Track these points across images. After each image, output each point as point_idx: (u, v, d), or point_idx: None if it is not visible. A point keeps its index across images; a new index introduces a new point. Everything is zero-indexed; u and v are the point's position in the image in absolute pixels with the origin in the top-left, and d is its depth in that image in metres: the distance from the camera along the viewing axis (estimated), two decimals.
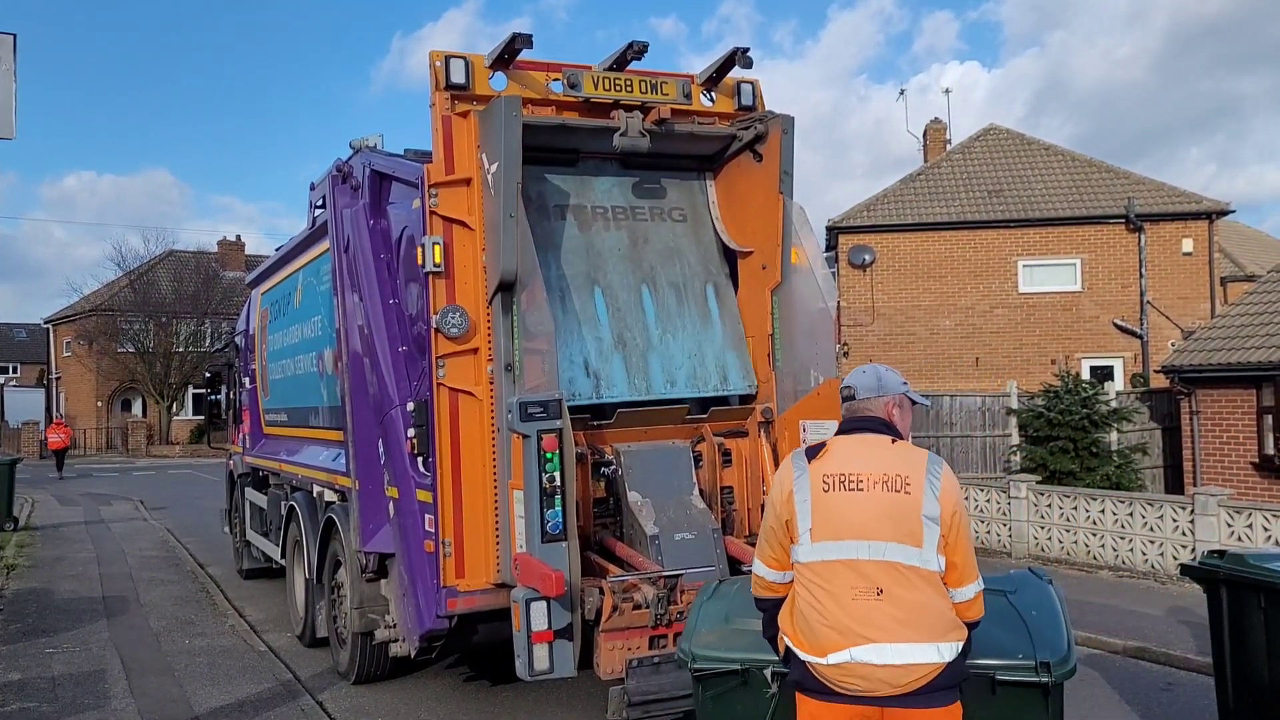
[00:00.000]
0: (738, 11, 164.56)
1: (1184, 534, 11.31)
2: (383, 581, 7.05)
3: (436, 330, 6.08)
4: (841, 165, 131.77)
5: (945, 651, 3.26)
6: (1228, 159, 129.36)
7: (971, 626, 3.39)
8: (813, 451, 3.49)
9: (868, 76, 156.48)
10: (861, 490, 3.32)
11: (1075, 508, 12.43)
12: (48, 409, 49.51)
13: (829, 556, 3.32)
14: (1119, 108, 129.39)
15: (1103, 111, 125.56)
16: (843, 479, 3.36)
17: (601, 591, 5.52)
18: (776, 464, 6.66)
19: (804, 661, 3.37)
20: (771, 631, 3.63)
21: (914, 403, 3.65)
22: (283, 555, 9.65)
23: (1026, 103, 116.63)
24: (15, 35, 5.67)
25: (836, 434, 3.60)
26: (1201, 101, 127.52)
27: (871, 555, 3.27)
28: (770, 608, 3.61)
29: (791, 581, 3.48)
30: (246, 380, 11.97)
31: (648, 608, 5.49)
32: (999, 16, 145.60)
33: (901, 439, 3.50)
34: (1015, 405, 16.72)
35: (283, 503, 9.61)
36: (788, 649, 3.46)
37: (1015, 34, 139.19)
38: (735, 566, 6.55)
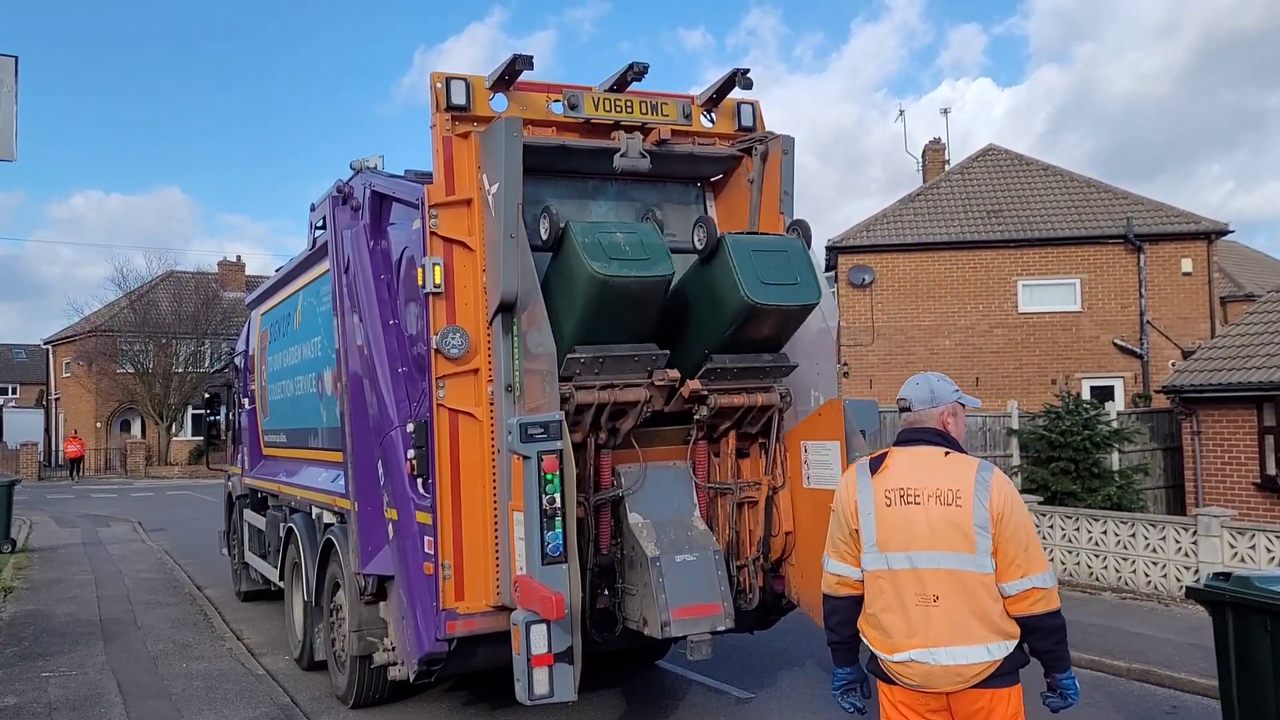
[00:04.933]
0: (763, 24, 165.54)
1: (1187, 555, 11.25)
2: (381, 604, 7.00)
3: (436, 351, 6.06)
4: (858, 181, 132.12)
5: (995, 650, 3.59)
6: (1247, 175, 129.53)
7: (1034, 621, 3.61)
8: (875, 464, 3.84)
9: (888, 91, 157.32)
10: (918, 504, 3.67)
11: (1077, 529, 12.38)
12: (47, 430, 49.48)
13: (894, 566, 3.69)
14: (1141, 123, 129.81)
15: (1123, 127, 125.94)
16: (902, 493, 3.71)
17: None
18: None
19: (875, 655, 3.79)
20: (842, 634, 3.95)
21: (964, 406, 3.96)
22: (281, 577, 9.60)
23: (1047, 118, 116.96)
24: (17, 58, 5.68)
25: (895, 444, 3.92)
26: (1225, 116, 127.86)
27: (930, 564, 3.62)
28: (844, 606, 3.92)
29: (863, 580, 3.82)
30: (246, 401, 11.96)
31: None
32: (1025, 30, 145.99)
33: (954, 448, 3.80)
34: (1016, 426, 16.69)
35: (281, 524, 9.56)
36: (865, 643, 3.86)
37: (1041, 48, 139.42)
38: (738, 589, 6.53)
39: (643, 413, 6.09)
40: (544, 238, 6.04)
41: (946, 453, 3.76)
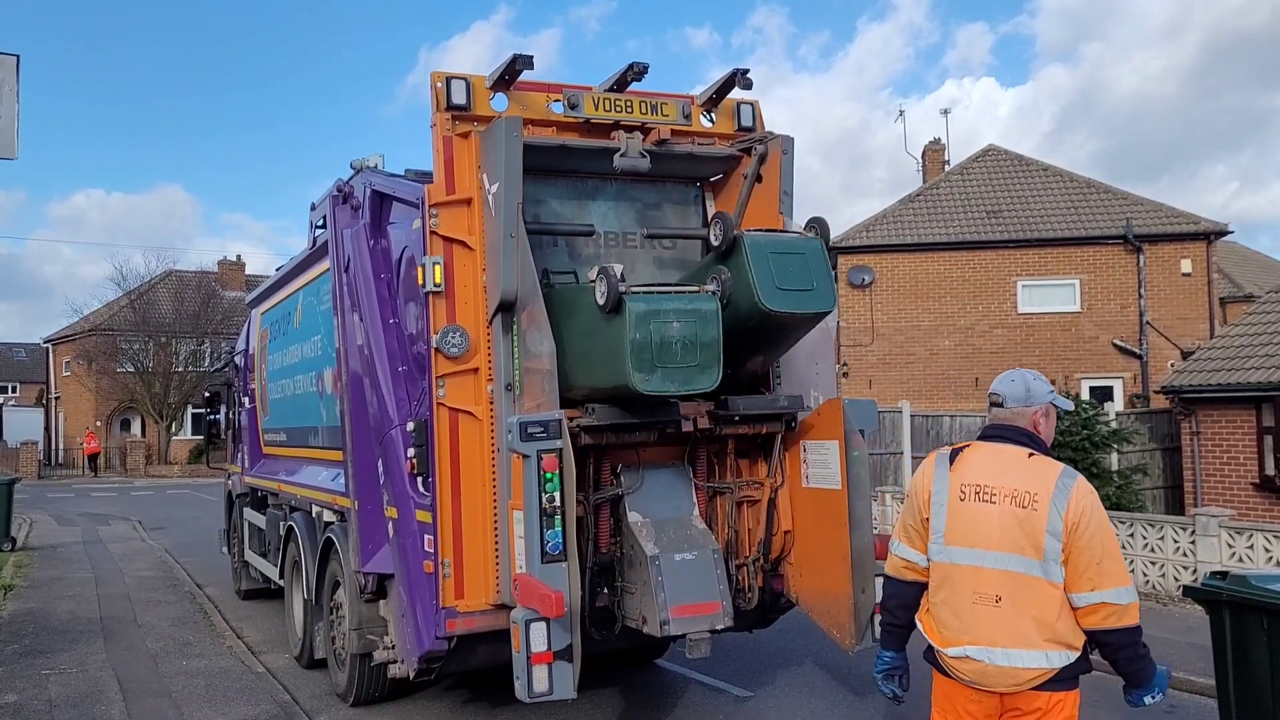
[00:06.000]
0: (770, 22, 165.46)
1: (1185, 555, 11.27)
2: (381, 602, 7.02)
3: (436, 350, 6.08)
4: (862, 181, 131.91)
5: (1055, 659, 3.53)
6: (1251, 177, 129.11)
7: (1104, 636, 3.54)
8: (954, 456, 3.80)
9: (893, 90, 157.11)
10: (993, 503, 3.61)
11: None
12: (47, 428, 49.50)
13: (958, 561, 3.67)
14: (1146, 123, 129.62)
15: (1129, 127, 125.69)
16: (978, 490, 3.66)
17: None
18: None
19: (932, 646, 3.77)
20: (899, 618, 3.95)
21: (1056, 407, 3.89)
22: (281, 576, 9.62)
23: (1053, 118, 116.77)
24: (18, 56, 5.70)
25: (979, 438, 3.87)
26: (1230, 117, 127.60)
27: (995, 565, 3.58)
28: (906, 590, 3.92)
29: (929, 567, 3.81)
30: (246, 400, 11.97)
31: None
32: (1031, 30, 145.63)
33: (1040, 450, 3.74)
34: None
35: (281, 523, 9.58)
36: (921, 634, 3.85)
37: (1047, 47, 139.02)
38: (737, 588, 6.55)
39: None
40: (600, 304, 5.50)
41: (1030, 454, 3.69)
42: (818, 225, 6.12)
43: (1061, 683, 3.57)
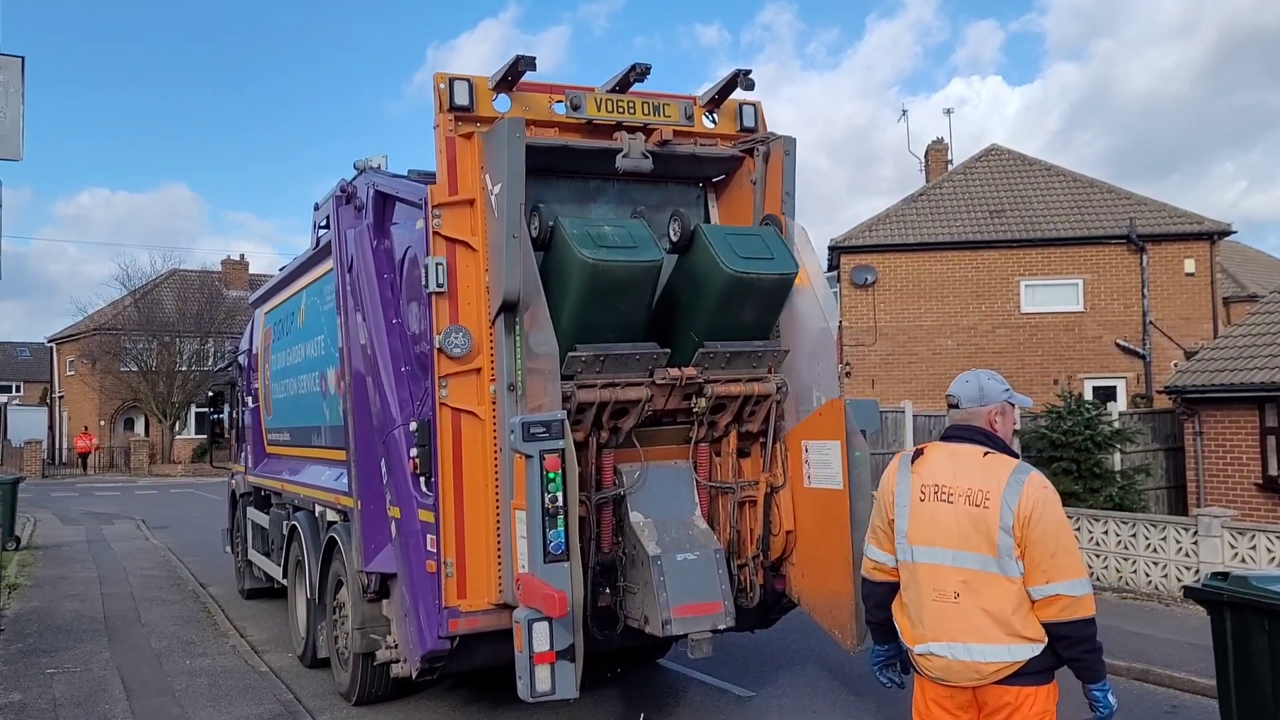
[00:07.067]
0: (779, 19, 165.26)
1: (1187, 555, 11.27)
2: (384, 602, 7.04)
3: (439, 350, 6.10)
4: (869, 179, 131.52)
5: (1017, 652, 3.57)
6: (1260, 175, 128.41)
7: (1061, 628, 3.56)
8: (915, 457, 3.90)
9: (901, 88, 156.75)
10: (951, 503, 3.71)
11: (1078, 529, 12.39)
12: (51, 427, 49.59)
13: (919, 559, 3.76)
14: (1156, 121, 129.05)
15: (1138, 125, 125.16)
16: (936, 490, 3.76)
17: None
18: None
19: (903, 645, 3.89)
20: (876, 616, 4.05)
21: (1014, 405, 3.96)
22: (284, 575, 9.64)
23: (1061, 115, 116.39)
24: (23, 58, 5.72)
25: (940, 439, 3.96)
26: (1241, 115, 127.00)
27: (954, 563, 3.66)
28: (879, 591, 4.00)
29: (897, 567, 3.90)
30: (249, 399, 12.00)
31: None
32: (1041, 27, 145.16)
33: (997, 449, 3.79)
34: (1018, 426, 16.68)
35: (284, 522, 9.60)
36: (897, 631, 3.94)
37: (1056, 45, 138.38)
38: (739, 587, 6.56)
39: (644, 411, 6.14)
40: (534, 236, 6.12)
41: (986, 453, 3.75)
42: (768, 219, 6.72)
43: (1030, 676, 3.58)
